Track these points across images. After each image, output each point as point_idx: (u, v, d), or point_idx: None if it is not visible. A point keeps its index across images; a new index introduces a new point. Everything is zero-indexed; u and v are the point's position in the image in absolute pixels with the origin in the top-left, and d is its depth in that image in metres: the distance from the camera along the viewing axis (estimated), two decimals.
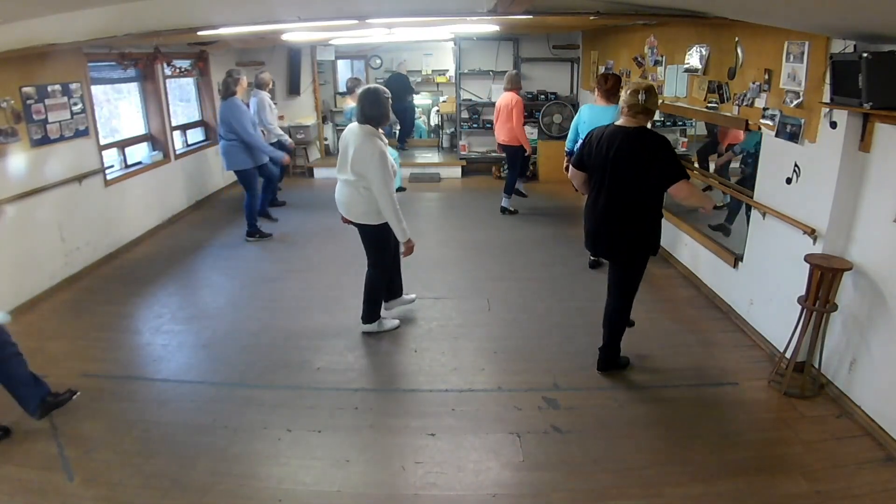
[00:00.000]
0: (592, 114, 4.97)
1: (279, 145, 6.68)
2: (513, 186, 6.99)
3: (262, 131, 6.40)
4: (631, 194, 3.21)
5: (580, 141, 5.07)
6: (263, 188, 6.58)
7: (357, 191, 3.72)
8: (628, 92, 3.18)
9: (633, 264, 3.41)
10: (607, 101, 4.94)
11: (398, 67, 10.45)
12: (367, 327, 4.15)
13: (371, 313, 4.13)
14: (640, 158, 3.13)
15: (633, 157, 3.14)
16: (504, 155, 7.11)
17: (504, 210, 7.02)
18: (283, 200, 7.50)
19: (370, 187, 3.65)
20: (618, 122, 3.29)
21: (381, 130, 3.73)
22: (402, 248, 3.94)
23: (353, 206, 3.81)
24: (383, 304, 4.26)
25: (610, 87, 4.92)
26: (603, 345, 3.60)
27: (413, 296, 4.51)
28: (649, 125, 3.30)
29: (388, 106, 3.70)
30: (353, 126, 3.75)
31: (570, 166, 3.54)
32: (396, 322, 4.26)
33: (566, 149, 5.35)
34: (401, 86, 10.12)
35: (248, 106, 6.17)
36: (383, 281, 4.14)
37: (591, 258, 5.30)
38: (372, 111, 3.63)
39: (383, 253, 3.99)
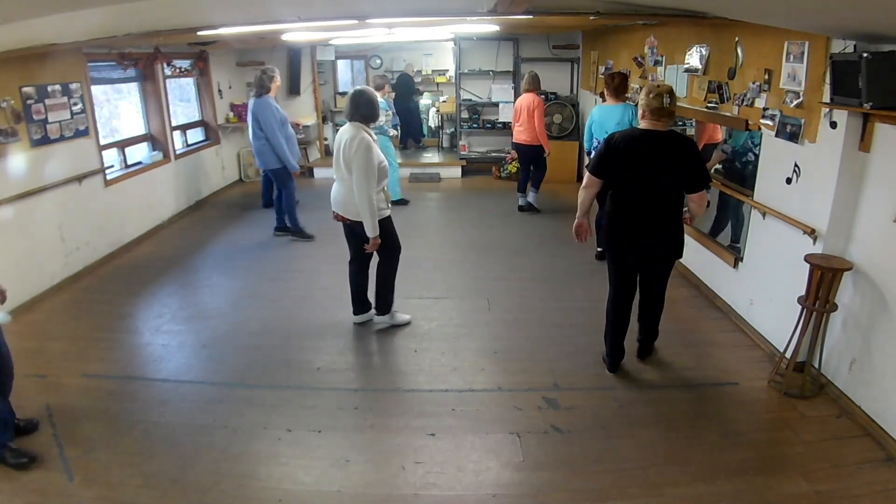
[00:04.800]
0: (602, 113, 5.06)
1: None
2: (540, 183, 7.05)
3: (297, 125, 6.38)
4: (666, 197, 3.22)
5: (595, 139, 5.07)
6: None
7: (349, 187, 3.75)
8: (651, 95, 3.11)
9: (670, 265, 3.48)
10: (616, 99, 4.99)
11: (405, 68, 10.46)
12: (380, 319, 4.19)
13: (385, 304, 4.16)
14: (675, 162, 3.14)
15: (669, 161, 3.13)
16: (518, 155, 7.18)
17: (530, 207, 7.05)
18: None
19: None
20: (642, 126, 3.22)
21: (371, 126, 3.85)
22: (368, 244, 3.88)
23: (351, 204, 3.81)
24: (353, 315, 4.27)
25: (617, 84, 4.99)
26: (644, 337, 3.71)
27: (373, 313, 4.35)
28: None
29: (379, 106, 3.89)
30: (346, 125, 3.84)
31: (588, 174, 3.38)
32: (408, 317, 4.29)
33: (587, 150, 5.42)
34: (407, 86, 10.13)
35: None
36: (395, 268, 4.14)
37: (599, 250, 5.35)
38: (368, 110, 3.78)
39: (391, 243, 4.00)
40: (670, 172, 3.15)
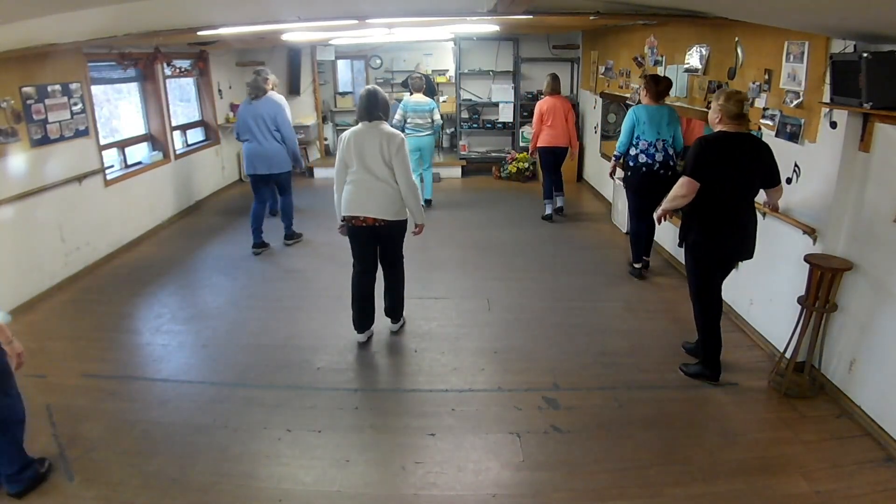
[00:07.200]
0: (650, 113, 4.92)
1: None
2: (561, 185, 7.04)
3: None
4: (750, 196, 3.33)
5: (642, 141, 4.88)
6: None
7: (391, 186, 3.74)
8: (730, 101, 3.21)
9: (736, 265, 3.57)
10: (656, 101, 4.95)
11: (416, 67, 10.43)
12: (396, 326, 4.20)
13: (400, 312, 4.20)
14: (757, 161, 3.24)
15: (752, 160, 3.24)
16: (544, 160, 6.93)
17: (559, 210, 6.97)
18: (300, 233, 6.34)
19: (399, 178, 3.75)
20: (723, 129, 3.26)
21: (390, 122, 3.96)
22: (415, 229, 3.97)
23: (389, 203, 3.75)
24: (357, 334, 4.05)
25: (662, 89, 4.93)
26: (714, 346, 3.53)
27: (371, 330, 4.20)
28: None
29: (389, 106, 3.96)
30: (362, 127, 3.76)
31: (690, 179, 3.28)
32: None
33: (617, 152, 5.17)
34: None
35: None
36: (403, 275, 4.15)
37: (635, 266, 5.12)
38: (385, 109, 3.85)
39: (401, 250, 4.04)
40: (754, 171, 3.26)
